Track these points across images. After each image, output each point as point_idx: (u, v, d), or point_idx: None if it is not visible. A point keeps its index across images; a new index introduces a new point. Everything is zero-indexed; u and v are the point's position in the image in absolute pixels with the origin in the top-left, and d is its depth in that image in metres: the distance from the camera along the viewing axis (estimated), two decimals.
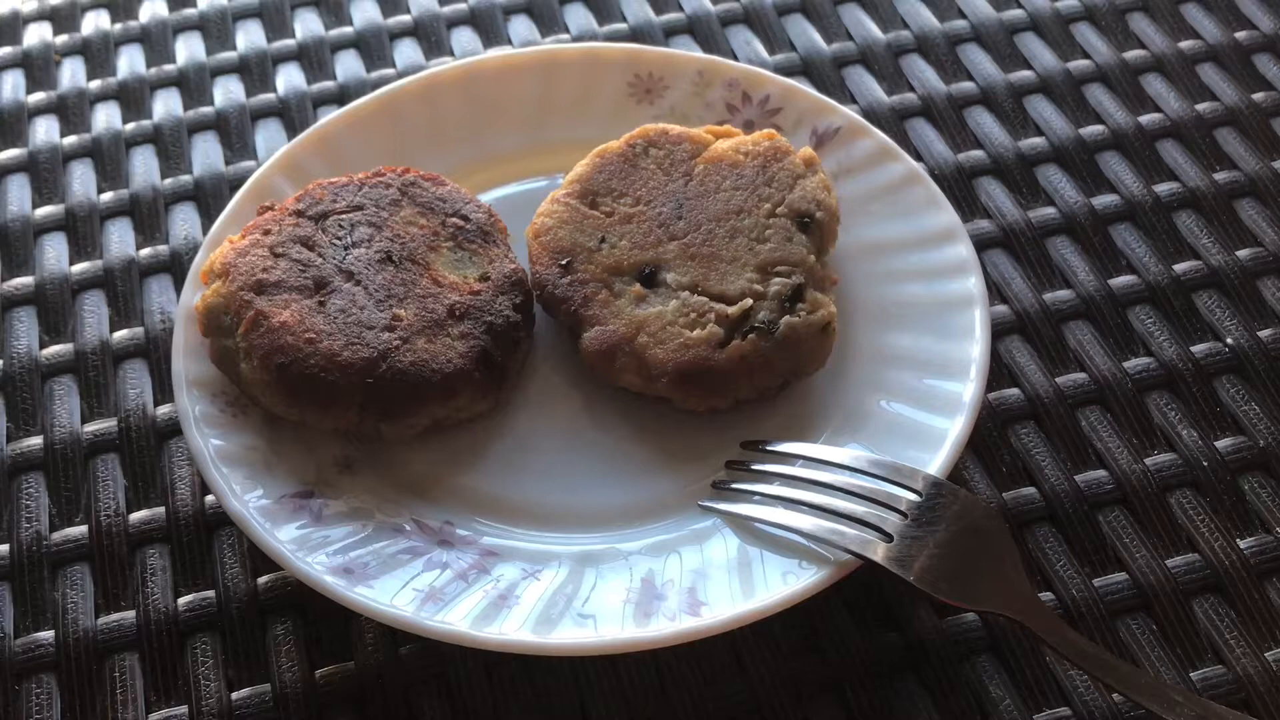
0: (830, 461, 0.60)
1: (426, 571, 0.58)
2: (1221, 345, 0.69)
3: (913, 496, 0.57)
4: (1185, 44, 0.84)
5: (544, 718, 0.57)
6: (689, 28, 0.86)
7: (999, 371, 0.68)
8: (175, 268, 0.74)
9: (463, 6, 0.87)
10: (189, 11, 0.88)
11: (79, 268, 0.74)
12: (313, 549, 0.58)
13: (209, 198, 0.77)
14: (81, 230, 0.76)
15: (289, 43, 0.86)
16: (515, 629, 0.55)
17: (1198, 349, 0.68)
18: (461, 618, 0.56)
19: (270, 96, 0.83)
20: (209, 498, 0.64)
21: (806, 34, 0.85)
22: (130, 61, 0.86)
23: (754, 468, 0.61)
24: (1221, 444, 0.65)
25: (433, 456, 0.64)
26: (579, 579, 0.58)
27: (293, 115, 0.82)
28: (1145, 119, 0.80)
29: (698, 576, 0.58)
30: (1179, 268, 0.72)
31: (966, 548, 0.56)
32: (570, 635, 0.55)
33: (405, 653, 0.59)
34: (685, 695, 0.57)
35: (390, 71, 0.84)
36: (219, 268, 0.64)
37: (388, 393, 0.61)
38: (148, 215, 0.77)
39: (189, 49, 0.86)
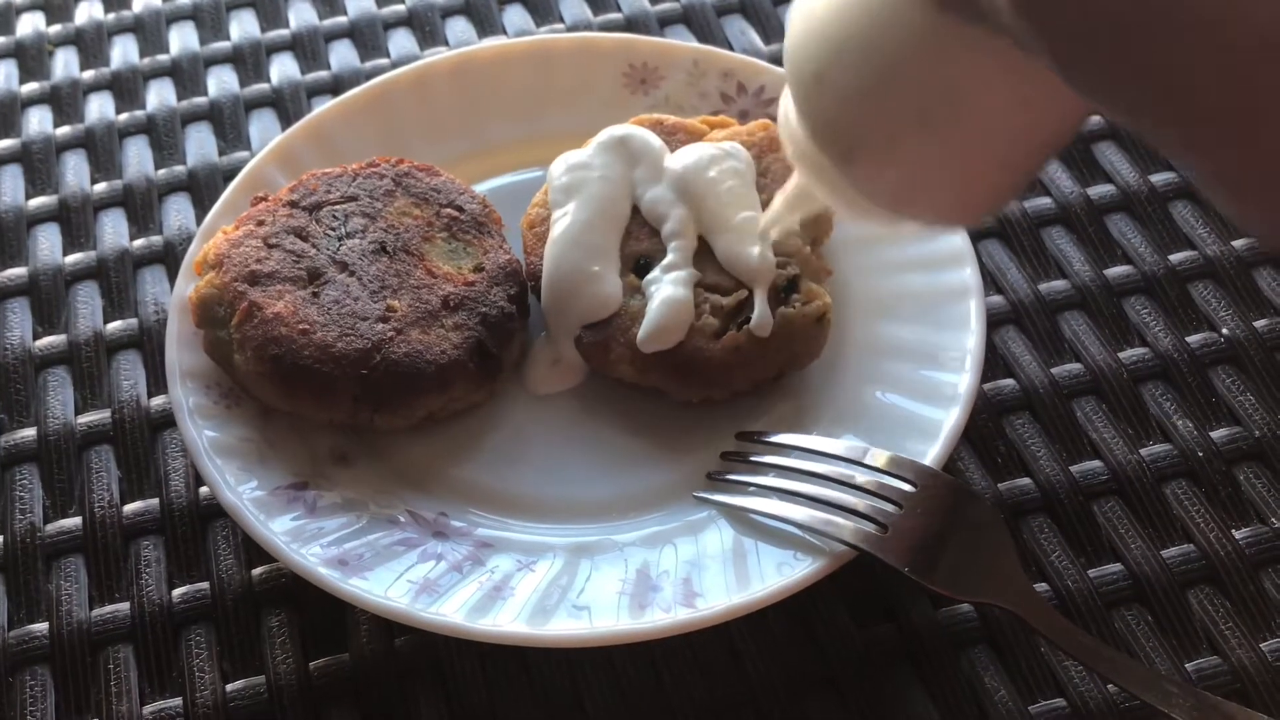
0: (825, 453, 0.59)
1: (421, 563, 0.58)
2: (1217, 336, 0.69)
3: (908, 487, 0.57)
4: None
5: (539, 709, 0.57)
6: (684, 17, 0.85)
7: (994, 362, 0.68)
8: (169, 259, 0.74)
9: None
10: (182, 1, 0.88)
11: (72, 259, 0.74)
12: (307, 541, 0.58)
13: (203, 188, 0.77)
14: (75, 221, 0.76)
15: (283, 32, 0.86)
16: (510, 620, 0.55)
17: (1193, 339, 0.68)
18: (456, 609, 0.55)
19: (264, 86, 0.83)
20: (203, 489, 0.64)
21: None
22: (124, 51, 0.85)
23: (749, 459, 0.61)
24: (1217, 434, 0.65)
25: (427, 448, 0.64)
26: (574, 570, 0.58)
27: (286, 105, 0.81)
28: None
29: (692, 568, 0.58)
30: (1174, 258, 0.72)
31: (962, 539, 0.56)
32: (565, 627, 0.55)
33: (400, 644, 0.59)
34: (680, 687, 0.57)
35: (384, 61, 0.83)
36: (213, 259, 0.64)
37: (382, 384, 0.61)
38: (141, 206, 0.77)
39: (182, 39, 0.86)
